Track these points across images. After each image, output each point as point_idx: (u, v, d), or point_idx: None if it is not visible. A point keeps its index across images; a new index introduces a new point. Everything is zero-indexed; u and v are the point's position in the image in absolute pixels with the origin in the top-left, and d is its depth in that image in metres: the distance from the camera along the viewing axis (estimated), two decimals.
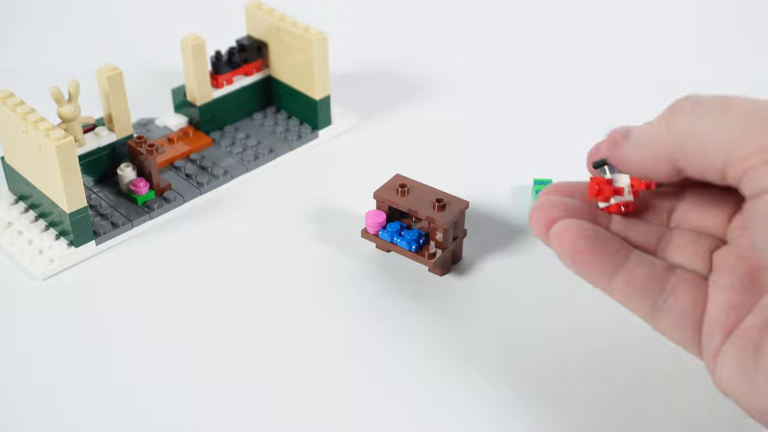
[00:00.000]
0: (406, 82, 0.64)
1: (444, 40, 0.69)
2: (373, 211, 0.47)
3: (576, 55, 0.67)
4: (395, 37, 0.70)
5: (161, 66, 0.64)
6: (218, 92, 0.56)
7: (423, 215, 0.45)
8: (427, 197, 0.46)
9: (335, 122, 0.58)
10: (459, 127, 0.59)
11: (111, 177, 0.52)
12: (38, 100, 0.48)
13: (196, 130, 0.56)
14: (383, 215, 0.46)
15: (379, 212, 0.46)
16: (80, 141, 0.50)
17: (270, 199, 0.53)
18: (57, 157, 0.44)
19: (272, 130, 0.57)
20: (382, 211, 0.47)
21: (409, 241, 0.45)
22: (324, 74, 0.55)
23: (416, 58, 0.67)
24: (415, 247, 0.45)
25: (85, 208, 0.47)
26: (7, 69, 0.64)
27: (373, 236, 0.46)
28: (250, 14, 0.57)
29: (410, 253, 0.45)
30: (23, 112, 0.46)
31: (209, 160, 0.54)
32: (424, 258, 0.45)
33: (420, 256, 0.45)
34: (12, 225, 0.50)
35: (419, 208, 0.45)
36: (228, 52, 0.56)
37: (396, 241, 0.45)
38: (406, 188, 0.46)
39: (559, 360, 0.42)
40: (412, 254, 0.45)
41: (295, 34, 0.54)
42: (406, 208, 0.46)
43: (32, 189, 0.49)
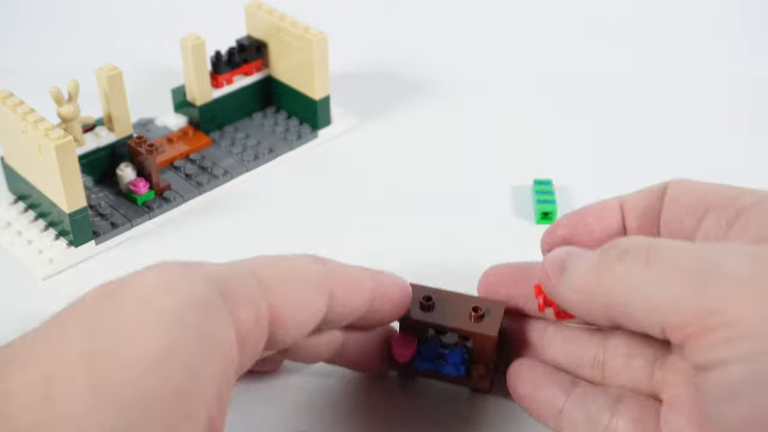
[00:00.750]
0: (406, 82, 0.64)
1: (444, 40, 0.69)
2: (400, 338, 0.38)
3: (576, 55, 0.67)
4: (395, 37, 0.69)
5: (161, 66, 0.64)
6: (218, 92, 0.56)
7: (468, 331, 0.37)
8: (458, 306, 0.38)
9: (335, 122, 0.58)
10: (459, 127, 0.59)
11: (111, 177, 0.52)
12: (38, 100, 0.48)
13: (195, 130, 0.56)
14: (414, 340, 0.38)
15: (408, 337, 0.38)
16: (80, 141, 0.50)
17: (270, 199, 0.53)
18: (56, 157, 0.44)
19: (272, 130, 0.57)
20: (410, 335, 0.38)
21: (456, 366, 0.38)
22: (324, 74, 0.55)
23: (416, 58, 0.67)
24: (464, 370, 0.38)
25: (84, 208, 0.47)
26: (7, 69, 0.64)
27: (407, 367, 0.39)
28: (250, 14, 0.57)
29: (457, 378, 0.38)
30: (23, 112, 0.46)
31: (209, 160, 0.54)
32: (474, 380, 0.38)
33: (468, 379, 0.38)
34: (11, 225, 0.50)
35: (458, 322, 0.37)
36: (228, 52, 0.56)
37: (441, 368, 0.38)
38: (432, 301, 0.38)
39: None
40: (460, 379, 0.38)
41: (295, 34, 0.54)
42: (444, 327, 0.37)
43: (32, 189, 0.49)
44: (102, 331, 0.27)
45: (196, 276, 0.30)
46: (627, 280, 0.31)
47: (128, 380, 0.26)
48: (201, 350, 0.28)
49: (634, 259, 0.31)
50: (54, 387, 0.26)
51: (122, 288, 0.29)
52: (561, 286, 0.34)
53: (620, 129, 0.59)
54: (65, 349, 0.27)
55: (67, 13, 0.71)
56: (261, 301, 0.32)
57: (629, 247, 0.32)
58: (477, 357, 0.38)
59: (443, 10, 0.72)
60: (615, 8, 0.72)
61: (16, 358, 0.27)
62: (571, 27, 0.70)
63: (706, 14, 0.71)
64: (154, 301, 0.28)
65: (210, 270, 0.31)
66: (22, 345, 0.28)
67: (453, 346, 0.38)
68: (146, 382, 0.26)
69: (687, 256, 0.30)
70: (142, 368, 0.27)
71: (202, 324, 0.28)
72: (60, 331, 0.28)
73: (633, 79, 0.64)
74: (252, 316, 0.31)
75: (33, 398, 0.26)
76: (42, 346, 0.27)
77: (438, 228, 0.50)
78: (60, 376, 0.26)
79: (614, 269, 0.32)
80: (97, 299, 0.29)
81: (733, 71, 0.64)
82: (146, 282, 0.29)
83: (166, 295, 0.28)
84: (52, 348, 0.27)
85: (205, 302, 0.29)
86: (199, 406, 0.27)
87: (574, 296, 0.34)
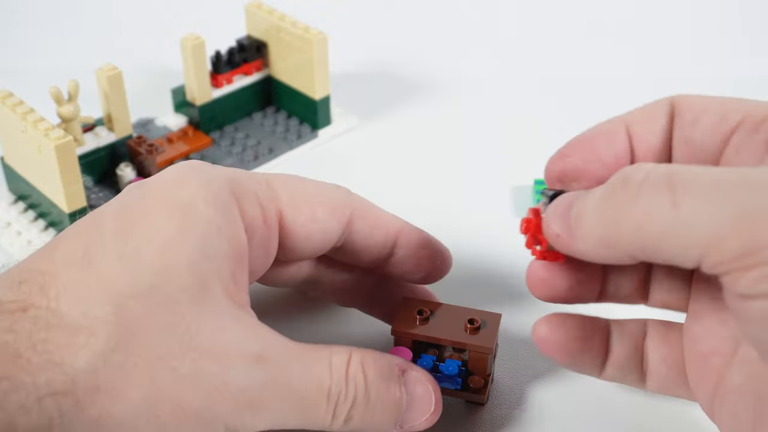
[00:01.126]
0: (406, 82, 0.64)
1: (444, 40, 0.69)
2: (395, 351, 0.38)
3: (576, 55, 0.67)
4: (395, 37, 0.69)
5: (161, 66, 0.64)
6: (218, 92, 0.56)
7: (463, 344, 0.37)
8: (453, 319, 0.38)
9: (335, 122, 0.58)
10: (459, 127, 0.59)
11: (110, 177, 0.52)
12: (38, 100, 0.48)
13: (195, 129, 0.56)
14: (409, 354, 0.38)
15: (403, 350, 0.38)
16: (80, 141, 0.50)
17: None
18: (56, 157, 0.44)
19: (272, 129, 0.57)
20: (405, 347, 0.38)
21: (452, 378, 0.37)
22: (324, 74, 0.55)
23: (416, 58, 0.67)
24: (460, 382, 0.37)
25: (84, 208, 0.47)
26: (7, 69, 0.64)
27: None
28: (250, 14, 0.57)
29: (453, 391, 0.37)
30: (23, 112, 0.46)
31: (209, 159, 0.54)
32: (471, 393, 0.37)
33: (464, 392, 0.37)
34: (11, 225, 0.50)
35: (453, 335, 0.37)
36: (228, 52, 0.56)
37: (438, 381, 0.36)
38: (426, 314, 0.38)
39: None
40: (456, 392, 0.37)
41: (295, 34, 0.54)
42: (439, 340, 0.37)
43: (31, 189, 0.49)
44: (129, 213, 0.33)
45: (210, 174, 0.35)
46: (652, 220, 0.28)
47: (149, 252, 0.31)
48: (209, 233, 0.32)
49: (656, 193, 0.27)
50: (90, 255, 0.31)
51: (148, 181, 0.34)
52: (574, 243, 0.31)
53: None
54: (100, 228, 0.32)
55: (67, 13, 0.71)
56: (269, 203, 0.36)
57: (645, 179, 0.28)
58: (473, 369, 0.38)
59: (443, 10, 0.72)
60: (615, 8, 0.72)
61: (63, 237, 0.33)
62: (571, 27, 0.70)
63: (706, 14, 0.71)
64: (172, 191, 0.33)
65: (226, 172, 0.35)
66: (69, 229, 0.33)
67: (448, 358, 0.38)
68: (164, 254, 0.31)
69: (719, 185, 0.27)
70: (160, 243, 0.32)
71: (210, 212, 0.33)
72: (96, 217, 0.33)
73: (633, 79, 0.64)
74: (259, 215, 0.35)
75: (73, 263, 0.31)
76: (82, 228, 0.33)
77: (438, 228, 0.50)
78: (95, 247, 0.32)
79: (633, 209, 0.28)
80: (127, 191, 0.35)
81: (733, 71, 0.64)
82: (167, 176, 0.34)
83: (181, 187, 0.33)
84: (90, 228, 0.33)
85: (214, 196, 0.33)
86: (212, 278, 0.32)
87: (591, 249, 0.31)
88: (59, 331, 0.29)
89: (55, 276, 0.31)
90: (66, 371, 0.29)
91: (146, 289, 0.31)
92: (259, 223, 0.35)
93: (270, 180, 0.37)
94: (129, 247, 0.31)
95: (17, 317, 0.30)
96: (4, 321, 0.30)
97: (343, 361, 0.33)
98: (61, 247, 0.32)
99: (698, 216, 0.27)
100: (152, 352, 0.30)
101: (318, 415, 0.33)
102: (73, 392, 0.29)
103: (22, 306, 0.30)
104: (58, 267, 0.31)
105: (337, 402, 0.33)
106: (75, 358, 0.29)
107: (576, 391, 0.40)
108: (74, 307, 0.30)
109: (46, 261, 0.32)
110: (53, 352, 0.29)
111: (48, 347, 0.29)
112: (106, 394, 0.29)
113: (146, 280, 0.31)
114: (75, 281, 0.31)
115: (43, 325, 0.30)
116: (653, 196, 0.28)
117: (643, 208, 0.28)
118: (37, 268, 0.31)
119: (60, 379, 0.29)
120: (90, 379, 0.29)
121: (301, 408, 0.32)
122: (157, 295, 0.31)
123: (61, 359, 0.29)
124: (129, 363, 0.30)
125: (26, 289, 0.31)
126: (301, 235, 0.37)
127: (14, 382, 0.28)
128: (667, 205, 0.27)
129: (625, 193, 0.29)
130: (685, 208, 0.27)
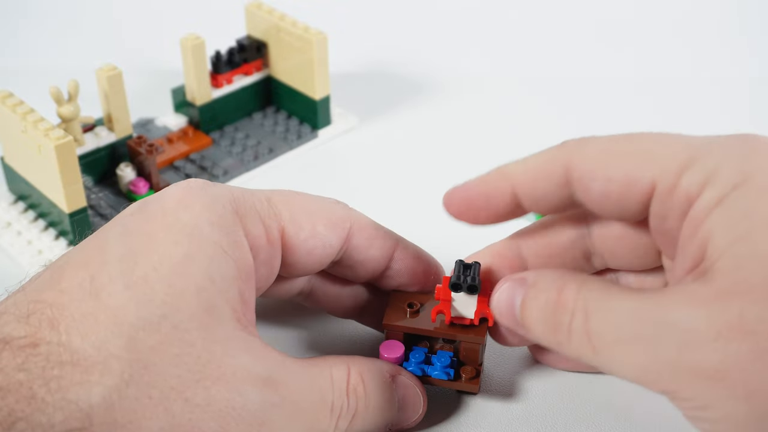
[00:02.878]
0: (406, 82, 0.64)
1: (444, 40, 0.69)
2: (387, 344, 0.38)
3: (576, 55, 0.67)
4: (395, 37, 0.69)
5: (161, 66, 0.64)
6: (218, 92, 0.56)
7: (455, 336, 0.37)
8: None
9: (335, 122, 0.58)
10: (459, 127, 0.59)
11: (110, 177, 0.52)
12: (38, 100, 0.48)
13: (195, 130, 0.56)
14: (401, 347, 0.38)
15: (395, 343, 0.38)
16: (80, 141, 0.50)
17: None
18: (56, 157, 0.44)
19: (272, 130, 0.57)
20: (397, 341, 0.38)
21: (444, 369, 0.38)
22: (324, 74, 0.55)
23: (416, 58, 0.67)
24: (453, 373, 0.38)
25: (84, 208, 0.47)
26: (7, 69, 0.64)
27: None
28: (250, 14, 0.57)
29: (445, 381, 0.38)
30: (23, 112, 0.46)
31: (209, 160, 0.54)
32: (463, 383, 0.38)
33: (457, 382, 0.38)
34: (11, 225, 0.50)
35: (444, 327, 0.38)
36: (228, 52, 0.56)
37: (430, 372, 0.37)
38: (417, 306, 0.38)
39: None
40: (449, 382, 0.38)
41: (294, 33, 0.54)
42: (431, 333, 0.38)
43: (31, 189, 0.49)
44: (134, 238, 0.32)
45: (213, 194, 0.34)
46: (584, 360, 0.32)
47: (157, 279, 0.31)
48: (215, 255, 0.33)
49: (581, 346, 0.31)
50: (97, 285, 0.31)
51: (150, 202, 0.34)
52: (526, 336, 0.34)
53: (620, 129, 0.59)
54: (105, 254, 0.32)
55: (67, 13, 0.71)
56: (272, 221, 0.36)
57: (569, 327, 0.32)
58: (465, 359, 0.38)
59: (443, 10, 0.72)
60: (615, 8, 0.72)
61: (68, 263, 0.32)
62: (571, 27, 0.70)
63: (705, 14, 0.71)
64: (175, 214, 0.33)
65: (228, 191, 0.35)
66: (72, 253, 0.33)
67: (440, 350, 0.38)
68: (171, 281, 0.31)
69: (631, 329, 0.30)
70: (166, 270, 0.31)
71: (215, 234, 0.33)
72: (100, 240, 0.33)
73: (633, 79, 0.64)
74: (263, 234, 0.35)
75: (81, 294, 0.31)
76: (87, 253, 0.32)
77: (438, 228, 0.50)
78: (102, 275, 0.31)
79: (568, 348, 0.32)
80: (129, 213, 0.34)
81: (733, 71, 0.64)
82: (170, 197, 0.34)
83: (185, 210, 0.33)
84: (95, 254, 0.32)
85: (218, 217, 0.33)
86: (221, 300, 0.32)
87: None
88: (72, 368, 0.30)
89: (63, 308, 0.31)
90: (81, 408, 0.29)
91: (156, 320, 0.31)
92: (263, 242, 0.35)
93: (270, 197, 0.37)
94: (136, 275, 0.31)
95: (28, 353, 0.30)
96: (16, 358, 0.29)
97: (343, 374, 0.34)
98: (66, 274, 0.32)
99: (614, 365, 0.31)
100: (165, 384, 0.30)
101: (321, 428, 0.34)
102: (90, 428, 0.29)
103: (33, 342, 0.30)
104: (65, 298, 0.31)
105: (339, 415, 0.34)
106: (90, 395, 0.29)
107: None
108: (85, 341, 0.30)
109: (52, 290, 0.31)
110: (67, 389, 0.29)
111: (62, 384, 0.29)
112: (123, 428, 0.30)
113: (155, 310, 0.31)
114: (84, 313, 0.31)
115: (56, 362, 0.30)
116: (580, 349, 0.32)
117: (575, 352, 0.32)
118: (45, 300, 0.31)
119: (76, 416, 0.29)
120: (106, 414, 0.29)
121: (308, 424, 0.33)
122: (167, 325, 0.31)
123: (76, 396, 0.29)
124: (144, 396, 0.30)
125: (35, 322, 0.30)
126: (302, 251, 0.37)
127: (30, 423, 0.29)
128: (590, 354, 0.31)
129: (559, 334, 0.32)
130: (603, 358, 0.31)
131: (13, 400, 0.29)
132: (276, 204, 0.36)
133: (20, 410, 0.29)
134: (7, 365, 0.29)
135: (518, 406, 0.39)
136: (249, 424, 0.31)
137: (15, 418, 0.28)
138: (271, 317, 0.44)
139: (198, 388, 0.31)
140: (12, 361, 0.29)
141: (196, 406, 0.30)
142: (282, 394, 0.32)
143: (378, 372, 0.36)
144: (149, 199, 0.34)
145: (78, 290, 0.31)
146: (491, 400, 0.40)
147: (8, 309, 0.31)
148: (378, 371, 0.36)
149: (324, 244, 0.37)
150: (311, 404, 0.33)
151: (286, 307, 0.44)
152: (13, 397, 0.29)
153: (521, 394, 0.40)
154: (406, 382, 0.36)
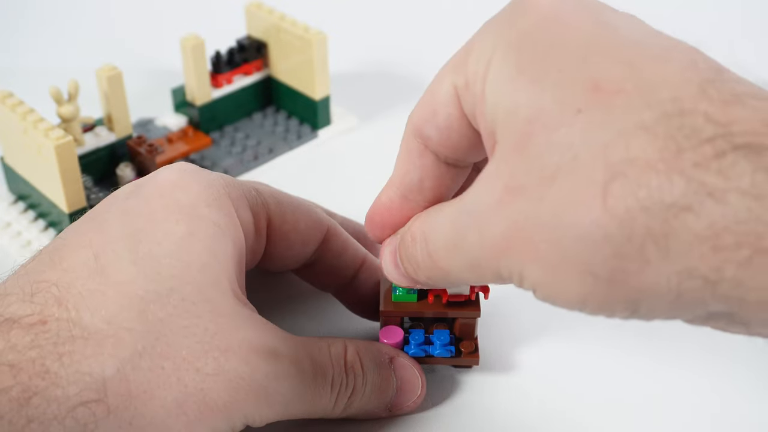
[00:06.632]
0: (406, 82, 0.64)
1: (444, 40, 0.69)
2: (386, 330, 0.39)
3: None
4: (395, 37, 0.69)
5: (161, 66, 0.64)
6: (218, 92, 0.56)
7: (456, 314, 0.38)
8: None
9: (335, 122, 0.58)
10: None
11: (110, 177, 0.52)
12: (38, 100, 0.48)
13: (195, 130, 0.56)
14: (400, 332, 0.38)
15: (394, 329, 0.38)
16: (80, 141, 0.50)
17: None
18: (56, 157, 0.44)
19: (272, 130, 0.57)
20: (395, 326, 0.39)
21: (445, 347, 0.38)
22: (324, 74, 0.55)
23: (416, 58, 0.67)
24: (454, 350, 0.39)
25: (84, 209, 0.47)
26: (7, 69, 0.64)
27: None
28: (250, 14, 0.57)
29: (448, 359, 0.39)
30: (23, 112, 0.46)
31: (209, 160, 0.54)
32: (464, 358, 0.39)
33: (458, 358, 0.39)
34: (11, 225, 0.50)
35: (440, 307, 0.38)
36: (228, 52, 0.56)
37: (432, 352, 0.38)
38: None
39: None
40: (451, 359, 0.39)
41: (294, 33, 0.54)
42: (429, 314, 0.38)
43: (31, 189, 0.49)
44: (134, 218, 0.33)
45: (208, 178, 0.35)
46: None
47: (163, 255, 0.32)
48: (215, 234, 0.33)
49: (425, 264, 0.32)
50: (103, 262, 0.32)
51: (144, 185, 0.35)
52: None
53: None
54: (106, 233, 0.33)
55: (67, 13, 0.71)
56: (260, 210, 0.37)
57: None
58: (462, 335, 0.39)
59: (443, 11, 0.72)
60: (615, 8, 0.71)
61: (65, 245, 0.33)
62: None
63: (705, 14, 0.71)
64: (173, 195, 0.34)
65: (219, 176, 0.36)
66: (68, 235, 0.33)
67: (436, 329, 0.39)
68: (177, 257, 0.32)
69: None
70: (171, 246, 0.32)
71: (213, 214, 0.34)
72: (97, 222, 0.33)
73: None
74: (251, 220, 0.36)
75: (87, 272, 0.31)
76: (86, 234, 0.33)
77: None
78: (106, 253, 0.32)
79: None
80: (124, 196, 0.34)
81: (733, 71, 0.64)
82: (165, 179, 0.35)
83: (181, 191, 0.34)
84: (95, 234, 0.33)
85: (214, 198, 0.34)
86: (222, 277, 0.33)
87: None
88: (84, 342, 0.30)
89: (68, 285, 0.31)
90: (96, 380, 0.30)
91: (165, 293, 0.32)
92: (251, 228, 0.36)
93: (257, 188, 0.38)
94: (141, 251, 0.32)
95: (38, 330, 0.30)
96: (26, 336, 0.30)
97: (341, 351, 0.35)
98: (67, 254, 0.32)
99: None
100: (176, 354, 0.31)
101: (322, 403, 0.34)
102: (105, 399, 0.30)
103: (41, 319, 0.30)
104: (70, 276, 0.31)
105: (339, 391, 0.35)
106: (104, 367, 0.30)
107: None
108: (95, 315, 0.31)
109: (54, 270, 0.32)
110: (80, 362, 0.30)
111: (74, 358, 0.30)
112: (138, 399, 0.30)
113: (164, 283, 0.32)
114: (91, 290, 0.31)
115: (67, 337, 0.30)
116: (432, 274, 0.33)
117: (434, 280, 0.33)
118: (47, 279, 0.32)
119: (91, 388, 0.30)
120: (121, 385, 0.30)
121: (309, 397, 0.34)
122: (176, 298, 0.32)
123: (89, 368, 0.30)
124: (156, 366, 0.31)
125: (40, 300, 0.31)
126: (283, 244, 0.38)
127: (45, 397, 0.29)
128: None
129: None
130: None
131: (27, 376, 0.29)
132: (263, 194, 0.37)
133: (34, 386, 0.29)
134: (18, 343, 0.30)
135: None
136: (257, 395, 0.32)
137: (30, 393, 0.29)
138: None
139: (208, 359, 0.31)
140: (22, 339, 0.30)
141: (207, 376, 0.31)
142: (285, 366, 0.33)
143: (376, 352, 0.37)
144: (141, 182, 0.35)
145: (83, 268, 0.32)
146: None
147: (10, 290, 0.31)
148: (376, 351, 0.37)
149: (304, 240, 0.38)
150: (313, 378, 0.34)
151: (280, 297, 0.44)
152: (27, 374, 0.29)
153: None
154: (405, 363, 0.37)
